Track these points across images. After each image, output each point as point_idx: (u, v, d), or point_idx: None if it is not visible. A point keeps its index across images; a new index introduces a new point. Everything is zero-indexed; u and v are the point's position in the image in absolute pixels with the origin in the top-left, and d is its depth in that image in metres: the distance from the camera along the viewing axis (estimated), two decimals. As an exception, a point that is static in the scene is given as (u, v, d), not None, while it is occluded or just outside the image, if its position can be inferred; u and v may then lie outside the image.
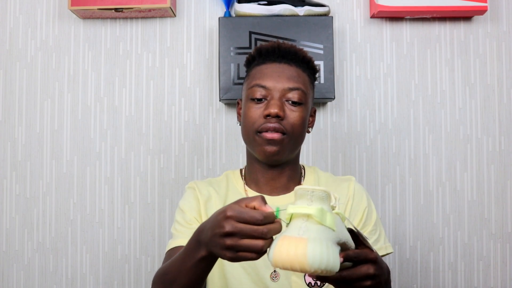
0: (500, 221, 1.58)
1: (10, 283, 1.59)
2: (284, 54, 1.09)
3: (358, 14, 1.61)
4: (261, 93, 1.06)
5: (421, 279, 1.58)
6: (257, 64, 1.12)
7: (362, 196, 1.13)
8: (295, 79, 1.07)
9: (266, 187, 1.11)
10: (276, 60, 1.09)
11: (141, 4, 1.50)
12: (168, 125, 1.60)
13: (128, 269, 1.58)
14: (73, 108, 1.61)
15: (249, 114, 1.07)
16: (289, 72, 1.07)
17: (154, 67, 1.61)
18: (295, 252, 0.66)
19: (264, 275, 1.05)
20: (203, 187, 1.15)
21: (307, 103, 1.09)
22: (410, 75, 1.60)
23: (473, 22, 1.60)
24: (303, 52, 1.11)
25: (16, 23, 1.62)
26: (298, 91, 1.06)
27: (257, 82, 1.07)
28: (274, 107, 1.03)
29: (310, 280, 1.04)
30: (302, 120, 1.06)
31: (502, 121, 1.59)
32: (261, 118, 1.05)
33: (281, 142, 1.04)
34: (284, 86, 1.06)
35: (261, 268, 1.05)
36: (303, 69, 1.10)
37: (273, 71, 1.07)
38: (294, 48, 1.11)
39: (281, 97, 1.06)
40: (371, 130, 1.59)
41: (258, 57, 1.12)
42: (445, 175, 1.59)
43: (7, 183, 1.60)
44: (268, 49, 1.11)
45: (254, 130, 1.06)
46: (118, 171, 1.59)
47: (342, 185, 1.14)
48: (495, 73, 1.60)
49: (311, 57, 1.13)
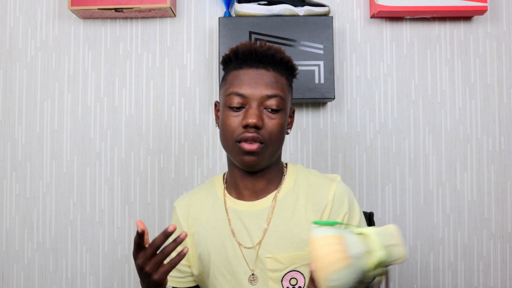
0: (500, 221, 1.58)
1: (10, 283, 1.59)
2: (261, 58, 1.07)
3: (358, 14, 1.61)
4: (238, 101, 1.04)
5: (421, 279, 1.58)
6: (234, 68, 1.09)
7: (343, 201, 1.09)
8: (273, 85, 1.05)
9: (245, 192, 1.11)
10: (253, 65, 1.06)
11: (141, 4, 1.50)
12: (168, 125, 1.60)
13: (128, 269, 1.58)
14: (73, 108, 1.61)
15: (228, 123, 1.05)
16: (267, 79, 1.05)
17: (154, 67, 1.61)
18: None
19: (242, 279, 1.06)
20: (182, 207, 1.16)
21: (285, 108, 1.07)
22: (410, 75, 1.60)
23: (473, 22, 1.60)
24: (280, 54, 1.08)
25: (16, 23, 1.62)
26: (277, 98, 1.04)
27: (235, 90, 1.05)
28: (252, 117, 1.01)
29: (287, 285, 1.05)
30: (280, 126, 1.05)
31: (502, 121, 1.59)
32: (240, 128, 1.03)
33: (259, 153, 1.03)
34: (262, 94, 1.04)
35: (239, 273, 1.06)
36: (281, 72, 1.08)
37: (250, 78, 1.05)
38: (272, 51, 1.08)
39: (259, 105, 1.04)
40: (371, 130, 1.59)
41: (235, 60, 1.10)
42: (445, 175, 1.59)
43: (7, 183, 1.60)
44: (245, 53, 1.08)
45: (233, 139, 1.05)
46: (118, 171, 1.59)
47: (323, 187, 1.10)
48: (495, 73, 1.60)
49: (289, 57, 1.11)
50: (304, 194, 1.09)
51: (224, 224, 1.09)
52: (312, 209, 1.07)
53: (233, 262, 1.07)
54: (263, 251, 1.05)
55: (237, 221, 1.08)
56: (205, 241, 1.09)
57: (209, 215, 1.12)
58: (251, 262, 1.06)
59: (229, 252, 1.07)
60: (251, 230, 1.07)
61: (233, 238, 1.07)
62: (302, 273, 1.05)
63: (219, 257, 1.08)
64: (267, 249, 1.05)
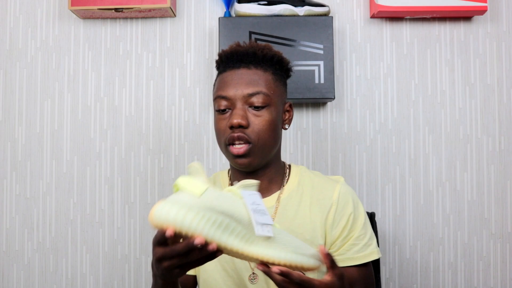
0: (500, 221, 1.58)
1: (10, 283, 1.59)
2: (242, 57, 1.07)
3: (358, 14, 1.61)
4: (224, 103, 1.05)
5: (421, 279, 1.58)
6: (220, 72, 1.10)
7: (347, 201, 1.09)
8: (254, 83, 1.04)
9: None
10: (235, 65, 1.07)
11: (141, 4, 1.50)
12: (168, 125, 1.60)
13: (128, 269, 1.58)
14: (73, 108, 1.61)
15: (217, 127, 1.07)
16: (248, 77, 1.05)
17: (154, 67, 1.61)
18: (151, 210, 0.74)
19: (244, 276, 1.06)
20: None
21: (273, 103, 1.06)
22: (410, 75, 1.60)
23: (473, 22, 1.60)
24: (263, 51, 1.07)
25: (16, 23, 1.62)
26: (259, 95, 1.04)
27: (219, 93, 1.06)
28: (235, 117, 1.02)
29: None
30: (268, 123, 1.04)
31: (502, 121, 1.59)
32: (227, 130, 1.04)
33: (249, 153, 1.03)
34: (244, 93, 1.04)
35: (241, 270, 1.06)
36: (264, 69, 1.07)
37: (232, 79, 1.05)
38: (253, 49, 1.07)
39: (243, 104, 1.04)
40: (371, 130, 1.59)
41: (221, 64, 1.11)
42: (445, 175, 1.59)
43: (7, 183, 1.60)
44: (227, 55, 1.09)
45: (223, 142, 1.06)
46: (118, 171, 1.59)
47: (328, 188, 1.10)
48: (495, 73, 1.60)
49: (276, 52, 1.09)
50: (308, 195, 1.09)
51: None
52: (317, 209, 1.07)
53: (235, 258, 1.07)
54: None
55: None
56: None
57: None
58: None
59: None
60: None
61: None
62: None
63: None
64: None
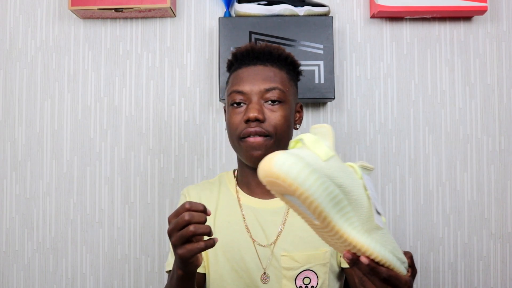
0: (500, 221, 1.58)
1: (10, 283, 1.59)
2: (258, 55, 1.09)
3: (358, 14, 1.61)
4: (239, 98, 1.06)
5: (421, 279, 1.58)
6: (234, 69, 1.12)
7: None
8: (271, 79, 1.06)
9: (257, 190, 1.11)
10: (251, 62, 1.09)
11: (141, 4, 1.50)
12: (168, 125, 1.60)
13: (128, 269, 1.58)
14: (73, 108, 1.61)
15: (231, 121, 1.07)
16: (264, 73, 1.07)
17: (154, 67, 1.61)
18: (268, 158, 0.64)
19: (255, 276, 1.06)
20: (194, 193, 1.16)
21: (287, 100, 1.08)
22: (410, 75, 1.60)
23: (473, 22, 1.60)
24: (279, 50, 1.10)
25: (16, 23, 1.62)
26: (276, 90, 1.05)
27: (235, 88, 1.07)
28: (252, 111, 1.03)
29: (300, 284, 1.05)
30: (284, 118, 1.05)
31: (502, 121, 1.59)
32: (242, 124, 1.05)
33: (265, 145, 1.04)
34: (261, 88, 1.05)
35: (253, 270, 1.06)
36: (280, 67, 1.09)
37: (248, 75, 1.07)
38: (269, 48, 1.10)
39: (259, 99, 1.05)
40: (371, 130, 1.59)
41: (235, 62, 1.12)
42: (445, 175, 1.59)
43: (7, 183, 1.60)
44: (243, 53, 1.10)
45: (237, 136, 1.06)
46: (118, 171, 1.60)
47: None
48: (495, 73, 1.60)
49: (289, 53, 1.12)
50: None
51: (238, 219, 1.09)
52: None
53: (246, 258, 1.07)
54: (278, 249, 1.06)
55: (252, 218, 1.09)
56: (214, 234, 1.09)
57: (221, 209, 1.12)
58: (264, 260, 1.06)
59: (242, 247, 1.07)
60: (266, 228, 1.07)
61: (248, 234, 1.08)
62: (316, 272, 1.05)
63: (231, 252, 1.07)
64: (282, 247, 1.06)
